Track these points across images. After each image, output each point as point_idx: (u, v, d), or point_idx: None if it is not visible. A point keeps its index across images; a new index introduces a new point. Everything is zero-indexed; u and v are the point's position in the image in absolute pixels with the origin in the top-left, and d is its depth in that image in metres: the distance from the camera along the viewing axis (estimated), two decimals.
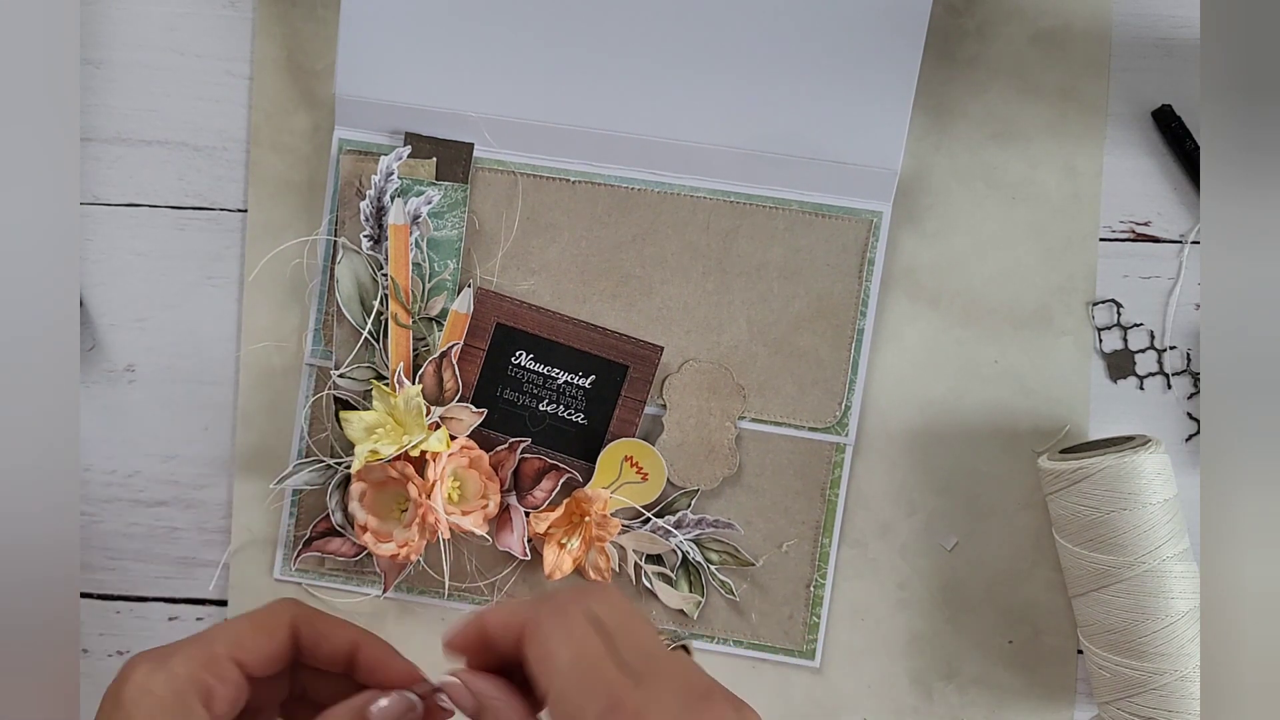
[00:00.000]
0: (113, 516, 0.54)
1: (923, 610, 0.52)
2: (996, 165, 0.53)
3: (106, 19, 0.54)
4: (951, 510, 0.52)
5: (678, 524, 0.51)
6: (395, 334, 0.51)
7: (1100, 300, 0.53)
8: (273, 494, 0.53)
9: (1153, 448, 0.47)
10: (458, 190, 0.52)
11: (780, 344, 0.52)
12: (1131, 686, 0.47)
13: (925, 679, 0.52)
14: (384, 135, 0.52)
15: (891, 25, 0.50)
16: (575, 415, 0.52)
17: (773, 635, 0.52)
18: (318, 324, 0.53)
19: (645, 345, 0.52)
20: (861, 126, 0.51)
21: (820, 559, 0.52)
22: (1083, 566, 0.48)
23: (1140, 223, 0.53)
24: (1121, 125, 0.53)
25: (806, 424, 0.52)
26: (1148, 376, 0.53)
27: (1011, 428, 0.52)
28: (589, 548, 0.51)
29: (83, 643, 0.54)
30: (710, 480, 0.52)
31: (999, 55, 0.53)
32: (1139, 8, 0.53)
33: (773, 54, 0.51)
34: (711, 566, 0.52)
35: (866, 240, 0.52)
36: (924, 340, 0.52)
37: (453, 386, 0.50)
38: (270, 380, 0.53)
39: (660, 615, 0.52)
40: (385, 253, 0.51)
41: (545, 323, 0.52)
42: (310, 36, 0.53)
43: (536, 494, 0.51)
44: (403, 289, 0.51)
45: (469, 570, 0.53)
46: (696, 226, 0.52)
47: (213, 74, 0.54)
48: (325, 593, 0.53)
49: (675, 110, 0.51)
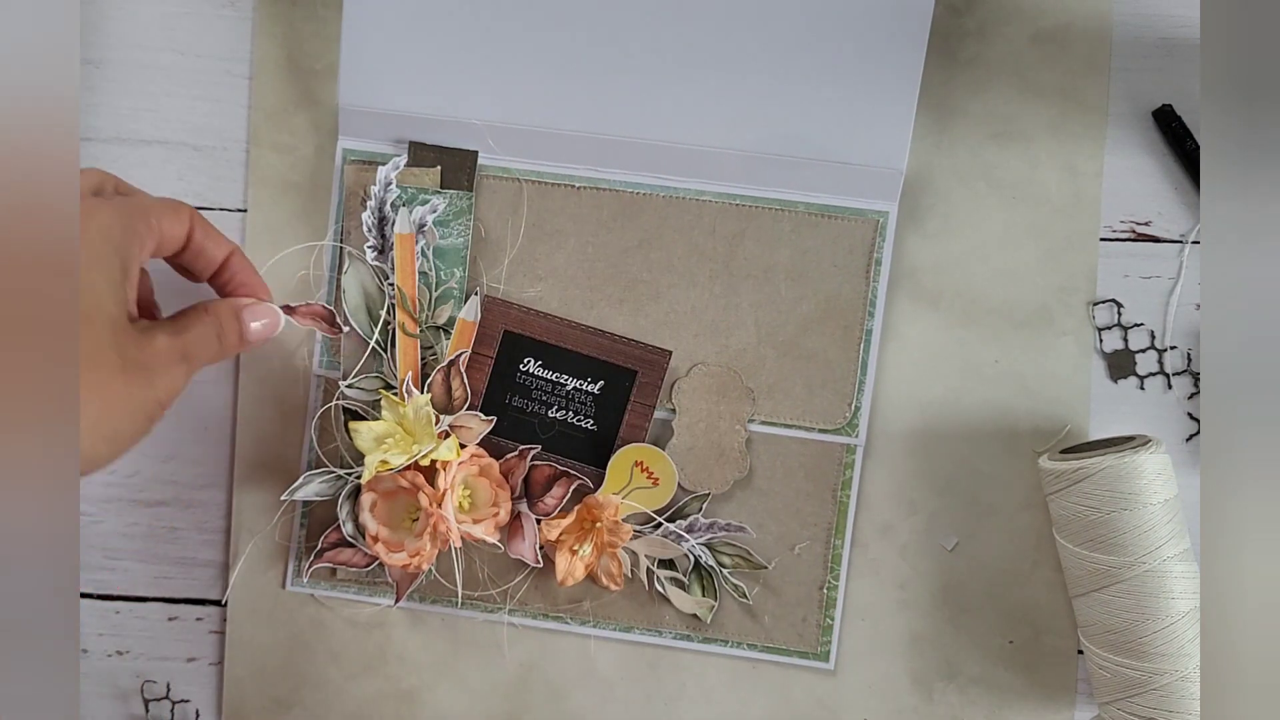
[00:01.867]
0: (112, 516, 0.54)
1: (923, 610, 0.52)
2: (997, 165, 0.53)
3: (106, 19, 0.54)
4: (952, 510, 0.52)
5: (689, 528, 0.51)
6: (403, 343, 0.51)
7: (1101, 300, 0.53)
8: (284, 506, 0.53)
9: (1153, 448, 0.47)
10: (463, 198, 0.52)
11: (789, 346, 0.52)
12: (1132, 687, 0.47)
13: (926, 679, 0.52)
14: (388, 144, 0.52)
15: (894, 25, 0.50)
16: (585, 421, 0.52)
17: (786, 638, 0.52)
18: (326, 336, 0.53)
19: (653, 350, 0.52)
20: (866, 127, 0.51)
21: (832, 561, 0.52)
22: (1083, 567, 0.48)
23: (1141, 223, 0.53)
24: (1122, 125, 0.53)
25: (816, 426, 0.52)
26: (1148, 376, 0.53)
27: (1012, 428, 0.52)
28: (601, 553, 0.51)
29: (83, 643, 0.54)
30: (721, 484, 0.52)
31: (999, 55, 0.53)
32: (1139, 8, 0.53)
33: (775, 56, 0.51)
34: (724, 570, 0.52)
35: (873, 240, 0.52)
36: (925, 340, 0.52)
37: (461, 395, 0.50)
38: (271, 382, 0.53)
39: (674, 619, 0.52)
40: (391, 262, 0.51)
41: (553, 329, 0.52)
42: (310, 36, 0.53)
43: (547, 501, 0.51)
44: (410, 298, 0.51)
45: (481, 578, 0.53)
46: (703, 230, 0.52)
47: (213, 74, 0.54)
48: (338, 603, 0.53)
49: (679, 114, 0.51)
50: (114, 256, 0.40)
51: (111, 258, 0.40)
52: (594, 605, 0.53)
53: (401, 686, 0.53)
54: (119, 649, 0.55)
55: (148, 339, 0.41)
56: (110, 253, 0.40)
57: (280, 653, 0.53)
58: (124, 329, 0.40)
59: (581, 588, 0.53)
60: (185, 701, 0.54)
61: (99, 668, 0.54)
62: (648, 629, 0.53)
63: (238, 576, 0.53)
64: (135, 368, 0.39)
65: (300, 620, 0.53)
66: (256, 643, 0.53)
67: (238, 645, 0.53)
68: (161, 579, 0.54)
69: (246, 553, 0.53)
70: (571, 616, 0.53)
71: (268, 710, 0.54)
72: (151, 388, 0.40)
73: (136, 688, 0.54)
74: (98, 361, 0.38)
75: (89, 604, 0.54)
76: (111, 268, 0.40)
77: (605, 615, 0.53)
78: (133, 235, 0.41)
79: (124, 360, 0.39)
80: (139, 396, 0.40)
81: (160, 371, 0.40)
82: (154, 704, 0.54)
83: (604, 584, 0.52)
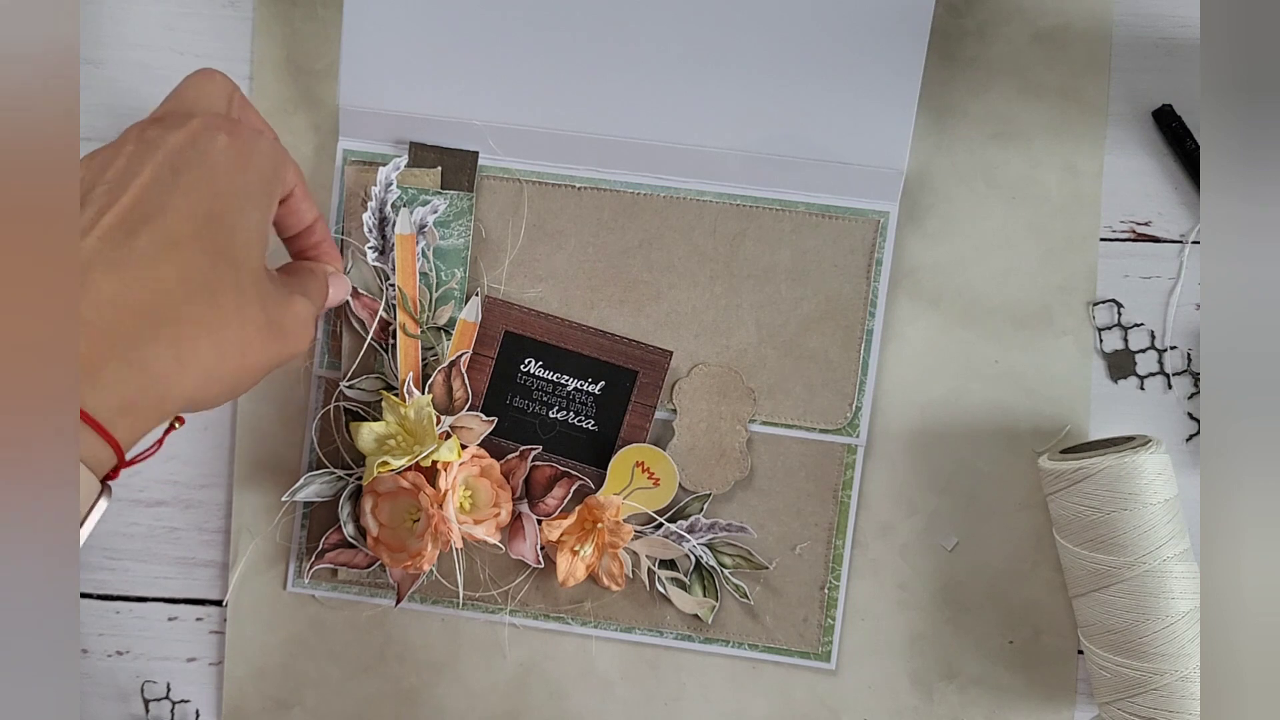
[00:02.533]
0: (112, 516, 0.54)
1: (923, 610, 0.52)
2: (997, 165, 0.53)
3: (106, 19, 0.54)
4: (952, 510, 0.52)
5: (690, 528, 0.51)
6: (404, 344, 0.51)
7: (1101, 300, 0.53)
8: (284, 507, 0.53)
9: (1153, 448, 0.47)
10: (463, 199, 0.52)
11: (790, 346, 0.52)
12: (1132, 687, 0.47)
13: (925, 679, 0.52)
14: (388, 145, 0.52)
15: (894, 25, 0.50)
16: (585, 422, 0.52)
17: (788, 638, 0.52)
18: (326, 335, 0.53)
19: (654, 350, 0.52)
20: (866, 127, 0.51)
21: (834, 561, 0.52)
22: (1083, 567, 0.48)
23: (1141, 223, 0.53)
24: (1122, 125, 0.53)
25: (817, 426, 0.52)
26: (1148, 376, 0.53)
27: (1012, 428, 0.52)
28: (602, 554, 0.51)
29: (83, 643, 0.54)
30: (722, 484, 0.52)
31: (999, 55, 0.53)
32: (1139, 8, 0.53)
33: (776, 56, 0.51)
34: (725, 570, 0.52)
35: (874, 240, 0.52)
36: (924, 340, 0.52)
37: (462, 395, 0.50)
38: (271, 382, 0.53)
39: (675, 620, 0.52)
40: (391, 263, 0.51)
41: (554, 330, 0.52)
42: (310, 36, 0.53)
43: (548, 501, 0.51)
44: (410, 299, 0.51)
45: (482, 579, 0.53)
46: (703, 230, 0.52)
47: None
48: (338, 604, 0.53)
49: (680, 114, 0.51)
50: (266, 199, 0.37)
51: (264, 200, 0.37)
52: (595, 606, 0.53)
53: (402, 686, 0.53)
54: (119, 649, 0.55)
55: (289, 301, 0.38)
56: (264, 195, 0.37)
57: (280, 653, 0.53)
58: (267, 284, 0.37)
59: (582, 588, 0.53)
60: (185, 701, 0.54)
61: (99, 668, 0.54)
62: (649, 629, 0.53)
63: (238, 577, 0.53)
64: (274, 328, 0.37)
65: (300, 620, 0.53)
66: (256, 643, 0.53)
67: (238, 645, 0.53)
68: (161, 579, 0.54)
69: (247, 553, 0.53)
70: (572, 617, 0.53)
71: (268, 710, 0.54)
72: (281, 350, 0.38)
73: (136, 688, 0.54)
74: (243, 313, 0.35)
75: (89, 604, 0.54)
76: (266, 211, 0.37)
77: (606, 616, 0.53)
78: (278, 181, 0.38)
79: (266, 319, 0.36)
80: (267, 356, 0.37)
81: (293, 335, 0.38)
82: (154, 704, 0.54)
83: (605, 584, 0.52)
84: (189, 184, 0.35)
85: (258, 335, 0.36)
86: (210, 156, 0.36)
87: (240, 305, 0.35)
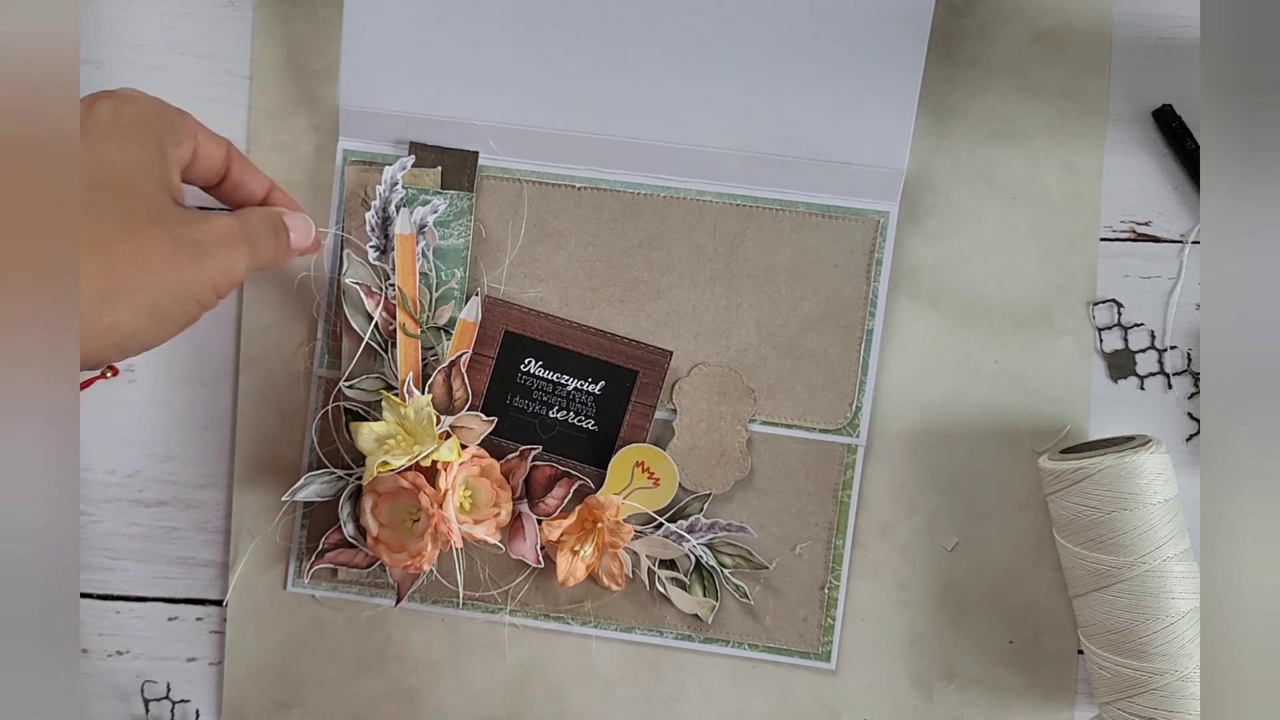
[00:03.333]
0: (112, 516, 0.54)
1: (923, 610, 0.52)
2: (997, 165, 0.53)
3: (106, 19, 0.54)
4: (952, 510, 0.52)
5: (690, 528, 0.51)
6: (404, 344, 0.51)
7: (1101, 300, 0.53)
8: (284, 507, 0.53)
9: (1153, 448, 0.47)
10: (463, 199, 0.52)
11: (790, 346, 0.52)
12: (1132, 687, 0.47)
13: (925, 679, 0.52)
14: (388, 145, 0.52)
15: (894, 25, 0.50)
16: (585, 422, 0.52)
17: (788, 638, 0.52)
18: (326, 335, 0.53)
19: (654, 350, 0.52)
20: (866, 127, 0.51)
21: (834, 561, 0.52)
22: (1083, 566, 0.48)
23: (1141, 222, 0.53)
24: (1122, 125, 0.53)
25: (817, 426, 0.52)
26: (1148, 376, 0.53)
27: (1012, 428, 0.52)
28: (602, 554, 0.51)
29: (83, 643, 0.54)
30: (722, 484, 0.52)
31: (999, 55, 0.53)
32: (1139, 8, 0.53)
33: (776, 56, 0.51)
34: (725, 570, 0.52)
35: (874, 240, 0.52)
36: (924, 340, 0.52)
37: (462, 395, 0.50)
38: (271, 382, 0.53)
39: (675, 620, 0.52)
40: (392, 263, 0.51)
41: (554, 330, 0.52)
42: (310, 36, 0.53)
43: (548, 501, 0.51)
44: (410, 298, 0.51)
45: (482, 579, 0.53)
46: (703, 230, 0.52)
47: (212, 74, 0.54)
48: (338, 603, 0.53)
49: (680, 114, 0.51)
50: (151, 137, 0.40)
51: (148, 138, 0.40)
52: (595, 605, 0.53)
53: (402, 686, 0.53)
54: (119, 649, 0.55)
55: (200, 218, 0.40)
56: (147, 134, 0.40)
57: (280, 653, 0.53)
58: (166, 205, 0.39)
59: (582, 588, 0.53)
60: (185, 701, 0.54)
61: (99, 668, 0.54)
62: (649, 629, 0.53)
63: (238, 577, 0.53)
64: (184, 243, 0.38)
65: (300, 620, 0.53)
66: (256, 643, 0.53)
67: (238, 645, 0.53)
68: (161, 579, 0.54)
69: (247, 553, 0.53)
70: (572, 617, 0.53)
71: (268, 710, 0.54)
72: (202, 268, 0.39)
73: (136, 688, 0.54)
74: (132, 230, 0.37)
75: (89, 604, 0.54)
76: (147, 146, 0.39)
77: (606, 615, 0.53)
78: (168, 126, 0.41)
79: (170, 235, 0.38)
80: (186, 273, 0.38)
81: (215, 252, 0.39)
82: (154, 704, 0.54)
83: (605, 584, 0.52)
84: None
85: (159, 248, 0.38)
86: (95, 113, 0.40)
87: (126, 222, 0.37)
